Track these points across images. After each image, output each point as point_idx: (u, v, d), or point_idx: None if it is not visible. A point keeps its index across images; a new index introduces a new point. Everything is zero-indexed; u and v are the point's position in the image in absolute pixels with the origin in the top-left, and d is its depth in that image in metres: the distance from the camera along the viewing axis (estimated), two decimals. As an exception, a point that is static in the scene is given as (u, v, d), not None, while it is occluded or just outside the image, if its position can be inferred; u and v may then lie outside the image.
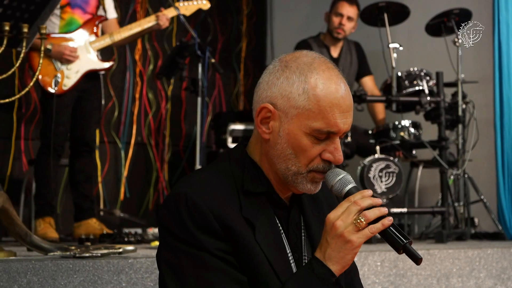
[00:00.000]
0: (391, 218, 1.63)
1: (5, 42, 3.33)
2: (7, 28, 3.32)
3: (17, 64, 3.51)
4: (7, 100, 3.61)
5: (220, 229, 1.64)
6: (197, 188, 1.69)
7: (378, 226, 1.62)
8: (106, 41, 4.71)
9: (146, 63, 6.38)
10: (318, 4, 6.42)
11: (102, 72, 4.79)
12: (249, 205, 1.70)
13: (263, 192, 1.73)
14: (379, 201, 1.64)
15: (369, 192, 1.65)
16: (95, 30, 4.68)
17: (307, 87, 1.68)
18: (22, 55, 3.44)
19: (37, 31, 3.46)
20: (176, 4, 5.03)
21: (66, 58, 4.50)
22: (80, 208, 4.72)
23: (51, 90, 4.43)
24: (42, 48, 3.53)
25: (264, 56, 7.20)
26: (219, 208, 1.65)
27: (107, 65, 4.75)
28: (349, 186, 1.70)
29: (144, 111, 6.34)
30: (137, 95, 6.29)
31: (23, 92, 3.68)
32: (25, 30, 3.35)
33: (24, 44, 3.39)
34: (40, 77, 4.45)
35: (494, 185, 5.37)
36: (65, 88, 4.52)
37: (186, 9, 5.05)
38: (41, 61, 3.58)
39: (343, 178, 1.70)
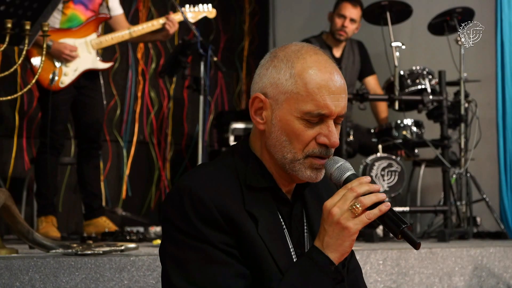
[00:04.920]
0: (388, 203, 1.61)
1: (7, 39, 3.33)
2: (9, 25, 3.31)
3: (19, 62, 3.51)
4: (9, 98, 3.60)
5: (224, 223, 1.64)
6: (201, 181, 1.68)
7: (375, 212, 1.60)
8: (107, 41, 4.69)
9: (148, 62, 6.38)
10: (321, 3, 6.41)
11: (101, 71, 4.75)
12: (252, 199, 1.70)
13: (266, 187, 1.73)
14: (377, 187, 1.63)
15: (367, 178, 1.64)
16: (96, 29, 4.65)
17: (294, 72, 1.68)
18: (24, 52, 3.44)
19: (39, 28, 3.45)
20: (183, 9, 4.97)
21: (65, 57, 4.46)
22: (90, 207, 4.70)
23: (50, 85, 4.38)
24: (44, 46, 3.53)
25: (267, 55, 7.19)
26: (223, 201, 1.65)
27: (106, 65, 4.74)
28: (348, 173, 1.68)
29: (146, 109, 6.34)
30: (139, 94, 6.29)
31: (25, 90, 3.67)
32: (28, 27, 3.35)
33: (26, 41, 3.38)
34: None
35: (497, 184, 5.37)
36: (62, 86, 4.47)
37: (192, 16, 5.00)
38: (43, 58, 3.57)
39: (342, 166, 1.69)
